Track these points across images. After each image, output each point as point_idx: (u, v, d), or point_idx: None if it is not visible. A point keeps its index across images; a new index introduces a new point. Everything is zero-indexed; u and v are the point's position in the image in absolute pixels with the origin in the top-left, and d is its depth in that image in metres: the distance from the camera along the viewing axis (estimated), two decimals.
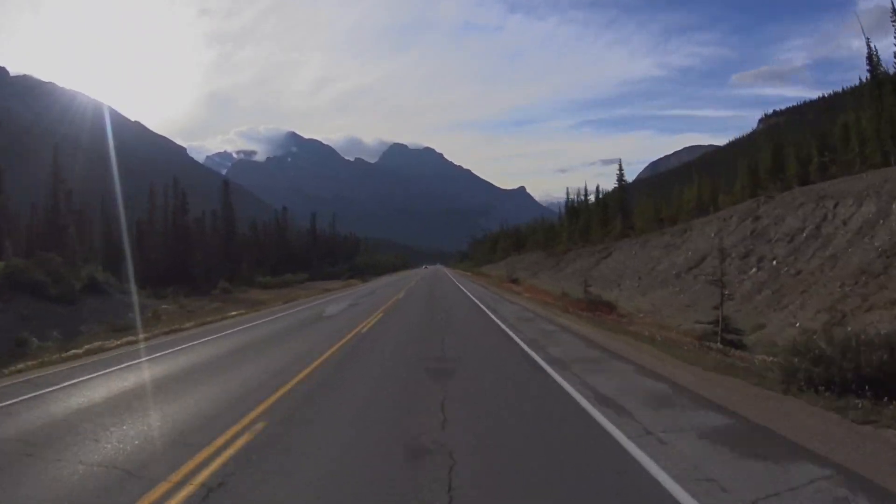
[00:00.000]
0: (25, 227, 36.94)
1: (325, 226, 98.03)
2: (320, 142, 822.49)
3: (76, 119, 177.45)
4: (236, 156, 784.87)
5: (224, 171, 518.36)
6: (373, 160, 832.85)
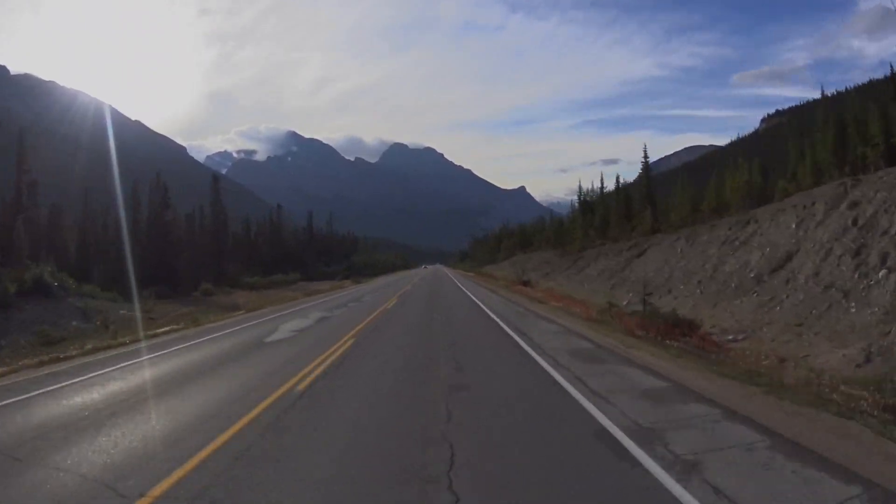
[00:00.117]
0: None
1: (322, 224, 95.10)
2: (321, 141, 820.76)
3: (77, 118, 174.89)
4: (237, 155, 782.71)
5: (224, 171, 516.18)
6: (373, 160, 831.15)
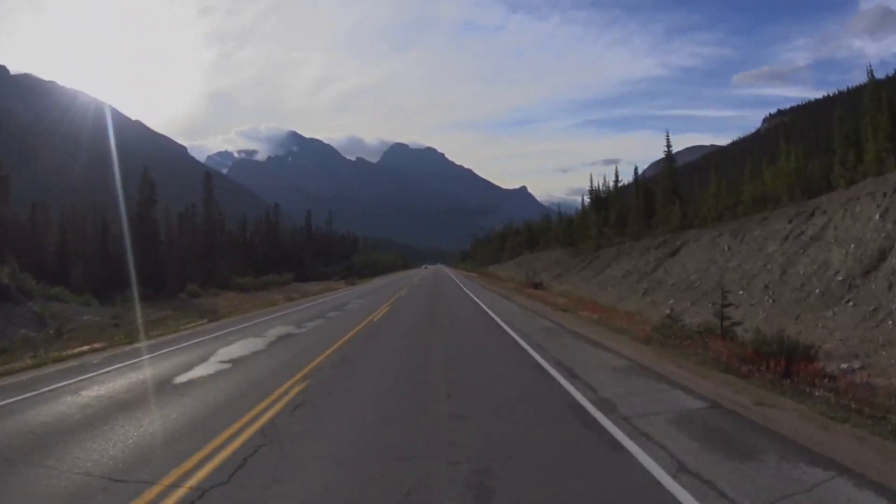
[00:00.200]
0: None
1: (321, 224, 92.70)
2: (321, 141, 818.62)
3: (77, 118, 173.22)
4: (237, 155, 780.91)
5: (225, 171, 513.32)
6: (374, 160, 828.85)
